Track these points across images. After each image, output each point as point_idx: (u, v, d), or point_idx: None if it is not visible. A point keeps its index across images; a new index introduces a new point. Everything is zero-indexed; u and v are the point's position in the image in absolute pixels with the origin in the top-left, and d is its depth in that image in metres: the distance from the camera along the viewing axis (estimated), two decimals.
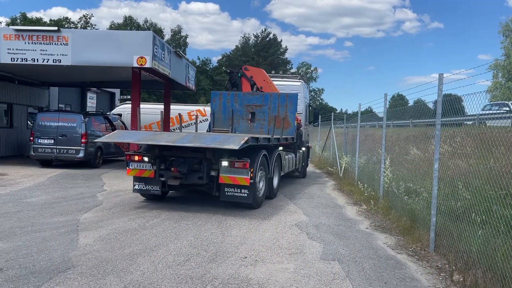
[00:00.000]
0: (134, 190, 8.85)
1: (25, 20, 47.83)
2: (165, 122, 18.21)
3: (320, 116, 17.62)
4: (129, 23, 59.55)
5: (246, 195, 8.20)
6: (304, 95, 14.68)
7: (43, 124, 15.18)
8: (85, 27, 49.06)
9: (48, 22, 49.54)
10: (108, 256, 5.38)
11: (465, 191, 5.70)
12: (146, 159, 8.39)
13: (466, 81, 5.79)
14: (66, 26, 45.33)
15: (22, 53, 13.62)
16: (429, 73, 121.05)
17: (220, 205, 8.72)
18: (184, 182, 8.30)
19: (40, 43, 13.57)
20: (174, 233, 6.60)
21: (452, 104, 5.86)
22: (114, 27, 58.03)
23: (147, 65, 13.47)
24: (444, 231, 5.75)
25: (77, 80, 21.00)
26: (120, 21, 61.04)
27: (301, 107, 13.93)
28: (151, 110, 19.29)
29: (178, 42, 60.57)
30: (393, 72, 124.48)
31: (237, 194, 8.23)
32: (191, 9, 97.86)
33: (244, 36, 70.73)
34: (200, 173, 8.22)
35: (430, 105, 7.58)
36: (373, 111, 16.53)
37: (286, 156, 11.25)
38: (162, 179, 8.38)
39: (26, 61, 13.67)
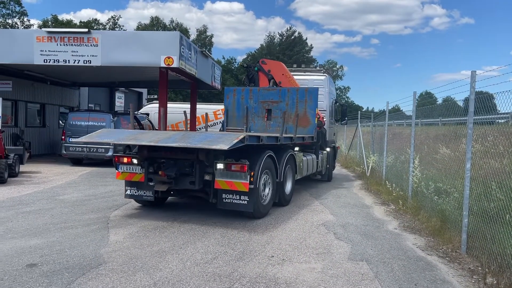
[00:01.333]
0: (126, 196, 7.93)
1: (56, 22, 49.20)
2: (191, 121, 18.41)
3: (347, 113, 16.16)
4: (155, 24, 60.45)
5: (246, 202, 7.17)
6: (329, 91, 13.47)
7: (74, 123, 15.62)
8: (113, 28, 50.07)
9: (78, 23, 50.82)
10: (137, 253, 5.49)
11: (499, 191, 5.53)
12: (135, 161, 7.44)
13: (498, 78, 5.61)
14: (95, 27, 46.39)
15: (54, 55, 14.01)
16: (458, 70, 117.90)
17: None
18: (173, 187, 7.37)
19: (71, 45, 13.93)
20: (201, 231, 6.68)
21: (483, 102, 5.70)
22: (141, 27, 59.04)
23: (174, 65, 13.63)
24: (477, 233, 5.59)
25: (106, 80, 21.47)
26: (147, 21, 62.07)
27: (325, 103, 13.09)
28: (177, 109, 19.53)
29: (204, 41, 61.06)
30: (421, 69, 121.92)
31: (235, 201, 7.22)
32: (216, 9, 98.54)
33: (269, 35, 70.65)
34: (192, 177, 7.20)
35: (460, 103, 7.40)
36: (401, 109, 16.27)
37: (304, 158, 10.28)
38: (151, 183, 7.40)
39: (58, 62, 14.06)
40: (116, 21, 53.59)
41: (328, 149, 12.80)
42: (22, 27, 47.44)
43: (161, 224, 7.08)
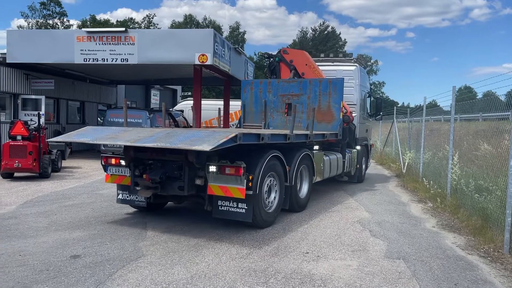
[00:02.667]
0: (118, 200, 7.25)
1: (94, 22, 50.68)
2: (224, 118, 18.57)
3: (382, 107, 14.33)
4: (189, 21, 61.23)
5: (244, 211, 6.23)
6: (361, 82, 11.89)
7: (112, 120, 16.08)
8: (148, 27, 51.14)
9: (115, 23, 52.18)
10: (174, 247, 5.61)
11: None
12: (123, 162, 6.68)
13: None
14: (131, 26, 47.51)
15: (93, 54, 14.48)
16: (499, 63, 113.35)
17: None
18: (159, 192, 6.49)
19: (109, 44, 14.35)
20: (236, 227, 6.74)
21: None
22: (175, 25, 59.96)
23: (208, 62, 13.81)
24: None
25: (142, 78, 21.98)
26: (181, 19, 63.00)
27: (355, 96, 11.66)
28: (211, 106, 19.75)
29: (236, 38, 61.35)
30: (460, 63, 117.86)
31: (232, 209, 6.31)
32: (248, 5, 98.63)
33: (302, 30, 70.14)
34: (180, 181, 6.33)
35: (502, 98, 7.11)
36: (438, 104, 15.81)
37: (326, 157, 9.20)
38: (138, 188, 6.60)
39: (97, 61, 14.53)
40: (151, 19, 54.71)
41: (358, 147, 11.59)
42: (62, 28, 49.19)
43: (197, 219, 7.21)
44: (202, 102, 16.69)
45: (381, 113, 13.95)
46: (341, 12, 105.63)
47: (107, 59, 14.48)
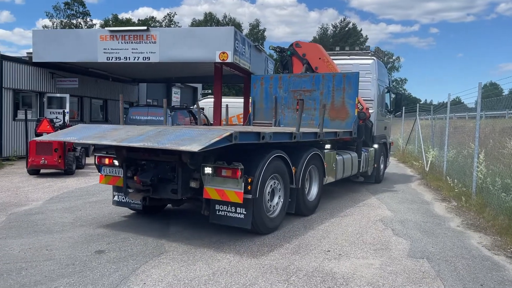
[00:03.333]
0: (114, 202, 6.87)
1: (116, 21, 51.43)
2: (244, 115, 18.59)
3: (402, 104, 13.58)
4: (209, 19, 61.53)
5: (242, 216, 5.76)
6: (378, 76, 11.13)
7: (134, 118, 16.29)
8: (169, 25, 51.59)
9: (136, 22, 52.84)
10: (196, 244, 5.66)
11: None
12: (116, 163, 6.26)
13: None
14: (152, 25, 48.03)
15: (116, 52, 14.70)
16: None
17: None
18: (152, 196, 6.05)
19: (132, 42, 14.54)
20: None
21: None
22: (195, 24, 60.35)
23: (229, 60, 13.84)
24: None
25: (163, 76, 22.21)
26: (201, 17, 63.34)
27: (372, 92, 10.88)
28: (232, 103, 19.79)
29: (256, 36, 61.34)
30: (485, 59, 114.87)
31: (230, 214, 5.84)
32: (268, 2, 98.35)
33: (322, 27, 69.64)
34: (174, 184, 5.84)
35: None
36: (462, 101, 15.47)
37: (339, 157, 8.68)
38: (130, 190, 6.12)
39: (120, 59, 14.74)
40: (172, 18, 55.15)
41: (375, 146, 10.99)
42: (85, 27, 50.07)
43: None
44: (223, 99, 16.75)
45: (401, 110, 13.02)
46: (362, 8, 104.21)
47: (129, 57, 14.67)
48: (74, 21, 52.39)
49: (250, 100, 10.73)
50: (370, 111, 10.30)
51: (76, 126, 6.79)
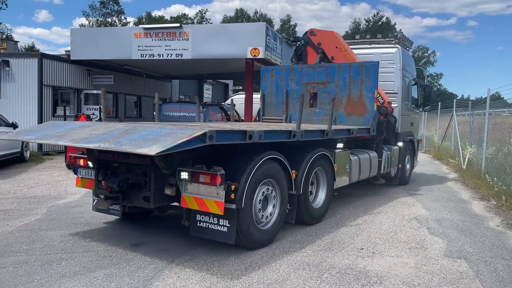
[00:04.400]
0: (93, 208, 6.07)
1: (150, 19, 52.41)
2: None
3: (432, 97, 12.01)
4: (240, 16, 61.73)
5: (225, 229, 4.97)
6: (402, 67, 9.94)
7: (167, 114, 16.55)
8: (200, 22, 52.07)
9: (169, 19, 53.63)
10: None
11: None
12: (90, 164, 5.59)
13: None
14: (184, 22, 48.62)
15: (150, 49, 14.96)
16: None
17: (338, 193, 8.53)
18: (120, 203, 5.43)
19: (165, 39, 14.76)
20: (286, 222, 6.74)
21: None
22: (226, 20, 60.69)
23: (260, 56, 13.82)
24: None
25: (195, 72, 22.44)
26: (232, 14, 63.59)
27: (396, 84, 9.78)
28: None
29: (288, 31, 61.04)
30: None
31: (213, 226, 5.04)
32: None
33: (355, 21, 68.60)
34: (146, 190, 5.06)
35: None
36: (502, 97, 14.86)
37: (353, 157, 7.81)
38: (102, 196, 5.45)
39: (153, 56, 14.99)
40: (203, 15, 55.65)
41: (400, 144, 9.94)
42: (119, 25, 51.24)
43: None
44: (254, 96, 16.78)
45: (430, 104, 11.81)
46: (396, 1, 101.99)
47: (162, 54, 14.90)
48: (109, 20, 53.73)
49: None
50: (393, 105, 9.45)
51: (46, 123, 6.41)
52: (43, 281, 4.19)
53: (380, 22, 64.20)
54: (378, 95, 8.62)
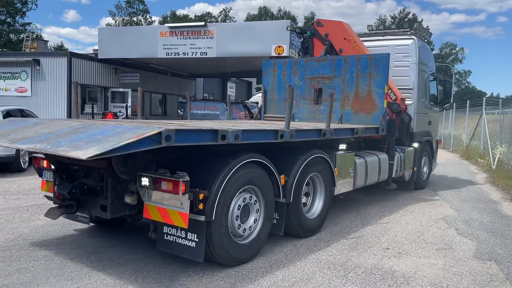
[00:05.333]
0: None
1: (174, 18, 52.99)
2: None
3: (451, 93, 10.68)
4: (263, 14, 61.70)
5: (193, 245, 4.26)
6: (418, 60, 9.06)
7: (192, 112, 16.71)
8: (224, 20, 52.30)
9: (193, 18, 54.09)
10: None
11: None
12: (53, 167, 4.94)
13: None
14: (208, 20, 48.96)
15: (175, 48, 15.15)
16: None
17: (362, 192, 8.47)
18: (74, 213, 4.77)
19: (190, 38, 14.93)
20: None
21: None
22: (250, 18, 60.75)
23: (284, 53, 13.81)
24: None
25: (219, 71, 22.59)
26: (256, 12, 63.59)
27: (412, 79, 8.96)
28: None
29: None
30: None
31: (180, 241, 4.34)
32: None
33: (380, 18, 67.56)
34: (103, 198, 4.43)
35: None
36: None
37: (358, 160, 6.98)
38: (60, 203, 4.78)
39: (178, 55, 15.18)
40: (227, 13, 55.87)
41: (415, 145, 9.06)
42: (145, 24, 52.00)
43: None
44: None
45: (450, 101, 10.47)
46: None
47: (187, 53, 15.07)
48: (135, 19, 54.57)
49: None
50: (407, 102, 8.64)
51: (3, 120, 5.89)
52: (73, 274, 4.30)
53: (406, 19, 62.97)
54: (390, 90, 8.00)
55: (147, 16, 55.68)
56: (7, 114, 10.50)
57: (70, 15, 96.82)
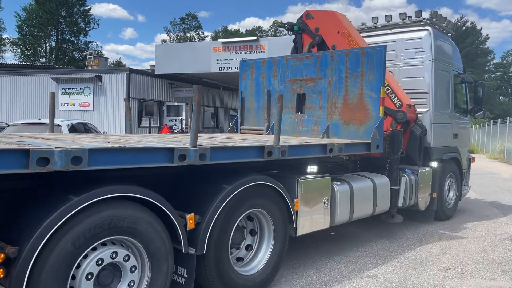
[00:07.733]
0: None
1: (226, 33, 54.34)
2: None
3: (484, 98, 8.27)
4: None
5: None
6: (434, 56, 7.10)
7: None
8: (275, 34, 52.85)
9: (244, 32, 55.16)
10: (307, 252, 5.67)
11: None
12: None
13: None
14: (259, 34, 49.77)
15: (227, 63, 15.51)
16: None
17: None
18: None
19: (242, 53, 15.22)
20: (367, 236, 6.55)
21: None
22: None
23: None
24: None
25: None
26: None
27: (427, 80, 7.06)
28: None
29: None
30: None
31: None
32: (374, 5, 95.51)
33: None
34: None
35: None
36: None
37: (338, 187, 5.17)
38: None
39: (230, 69, 15.51)
40: (277, 27, 56.39)
41: (434, 164, 7.16)
42: (197, 39, 53.71)
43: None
44: None
45: (482, 108, 8.26)
46: (481, 5, 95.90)
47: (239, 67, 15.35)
48: (188, 34, 56.51)
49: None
50: (420, 109, 6.93)
51: None
52: None
53: (464, 27, 60.51)
54: (394, 95, 6.44)
55: (200, 32, 57.55)
56: (72, 128, 11.17)
57: (128, 33, 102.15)
